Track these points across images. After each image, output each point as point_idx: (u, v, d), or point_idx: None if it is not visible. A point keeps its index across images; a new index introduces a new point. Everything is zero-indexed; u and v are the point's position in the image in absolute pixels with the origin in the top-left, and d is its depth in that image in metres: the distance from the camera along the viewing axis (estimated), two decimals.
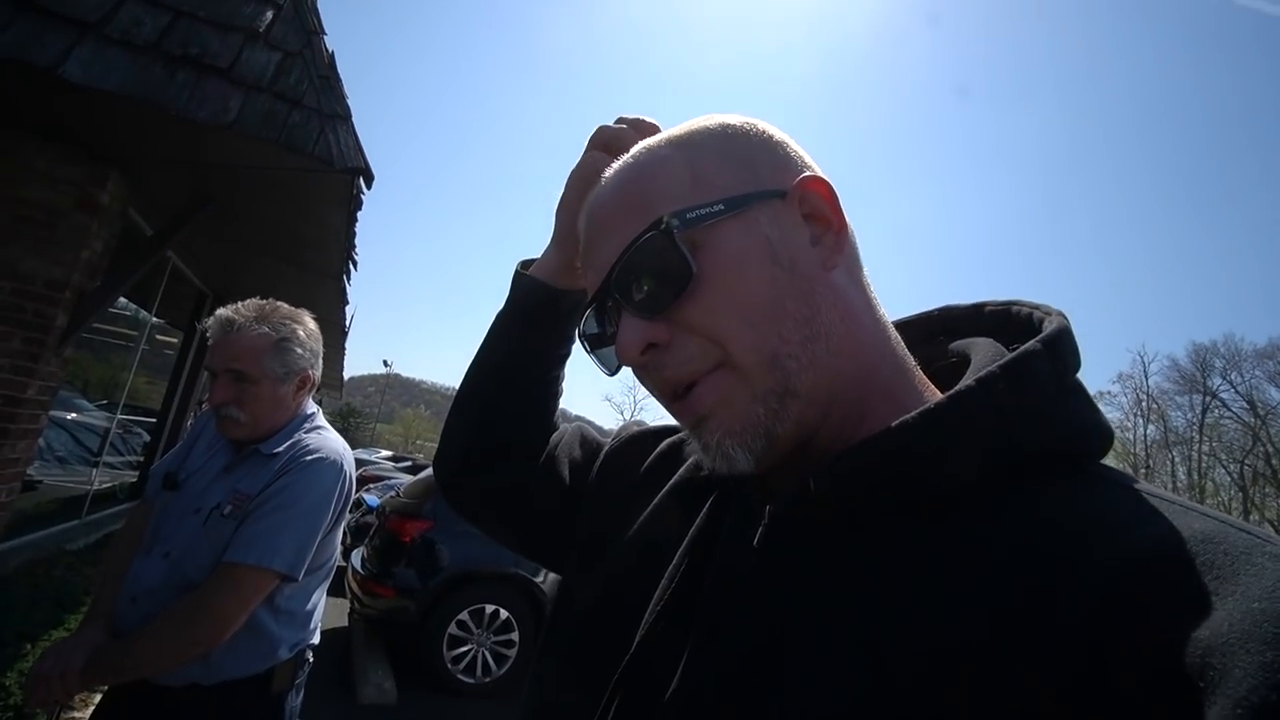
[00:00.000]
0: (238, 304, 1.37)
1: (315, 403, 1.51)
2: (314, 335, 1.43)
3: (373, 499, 6.66)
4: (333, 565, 1.45)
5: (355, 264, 4.36)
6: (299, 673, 1.37)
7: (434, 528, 4.14)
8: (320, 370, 1.46)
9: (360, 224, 3.59)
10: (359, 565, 4.39)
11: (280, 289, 5.46)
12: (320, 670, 4.31)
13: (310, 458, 1.32)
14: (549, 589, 4.21)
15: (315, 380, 1.44)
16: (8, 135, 2.90)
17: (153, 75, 2.42)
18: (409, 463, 18.03)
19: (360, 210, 3.23)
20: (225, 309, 1.36)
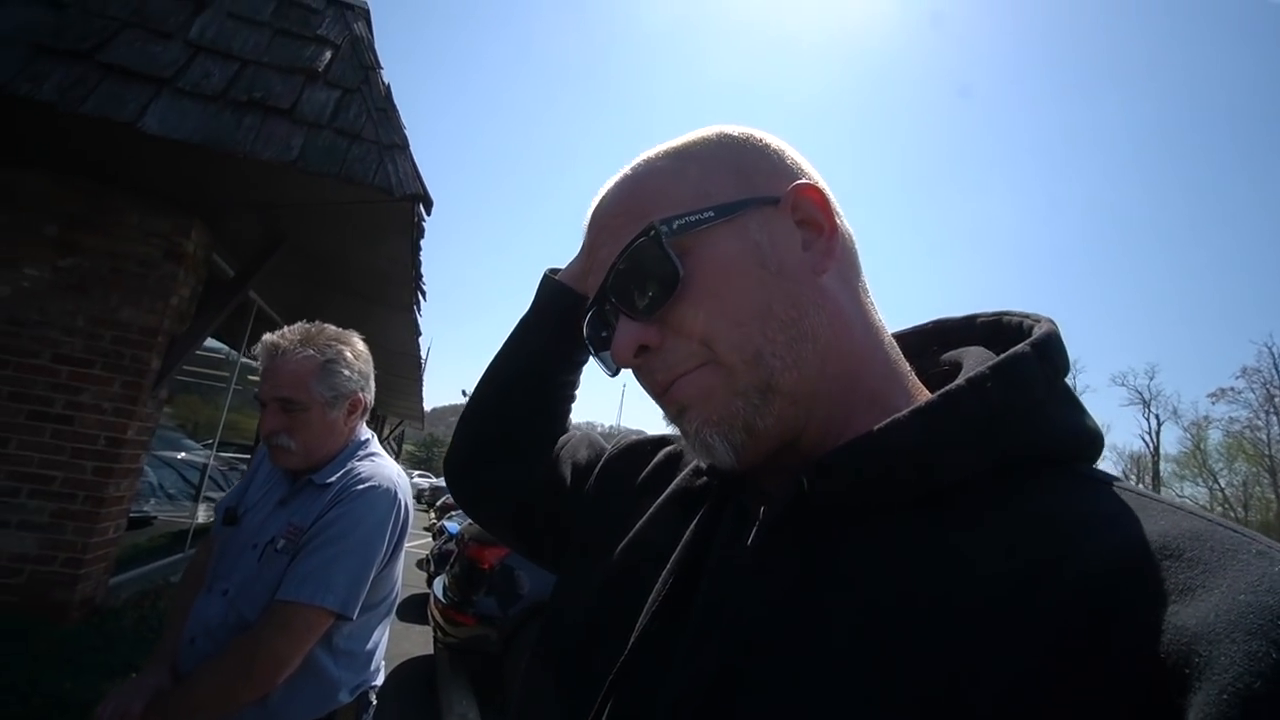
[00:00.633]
0: (284, 329, 1.32)
1: (371, 429, 1.45)
2: (362, 356, 1.37)
3: (453, 526, 6.74)
4: (394, 600, 1.37)
5: (424, 294, 4.43)
6: (361, 716, 1.29)
7: (513, 554, 4.10)
8: (372, 394, 1.39)
9: (431, 258, 3.64)
10: (440, 594, 4.39)
11: (354, 323, 5.65)
12: (410, 698, 4.32)
13: (362, 487, 1.25)
14: None
15: (367, 404, 1.37)
16: (105, 194, 3.11)
17: (221, 121, 2.52)
18: None
19: (423, 239, 3.27)
20: (271, 335, 1.31)
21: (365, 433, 1.41)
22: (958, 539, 0.35)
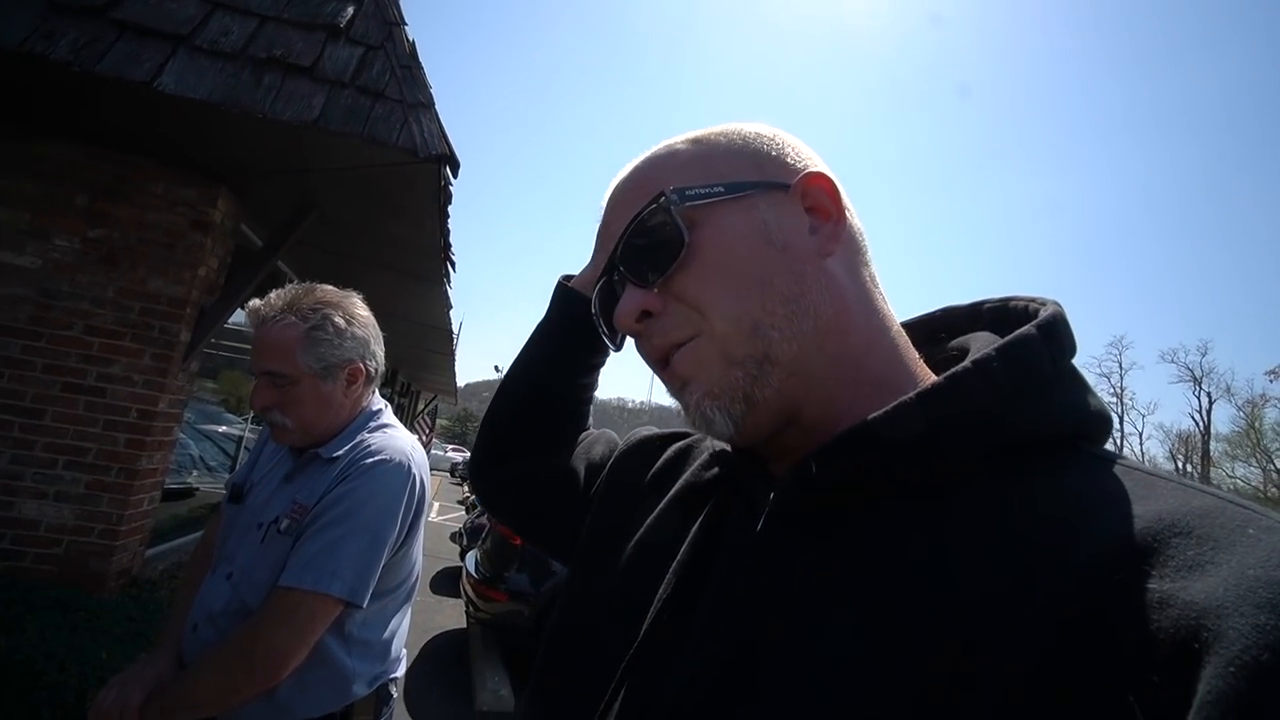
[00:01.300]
0: (272, 292, 1.18)
1: (383, 398, 1.32)
2: (358, 321, 1.22)
3: None
4: (413, 585, 1.25)
5: (453, 264, 4.33)
6: (381, 710, 1.19)
7: None
8: (377, 361, 1.25)
9: (462, 233, 3.52)
10: (473, 569, 4.36)
11: (385, 296, 5.61)
12: (442, 672, 4.32)
13: (371, 461, 1.12)
14: None
15: (369, 372, 1.23)
16: (131, 163, 3.04)
17: (241, 80, 2.40)
18: None
19: (451, 204, 3.14)
20: (255, 300, 1.18)
21: (377, 403, 1.28)
22: (966, 521, 0.35)
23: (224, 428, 4.99)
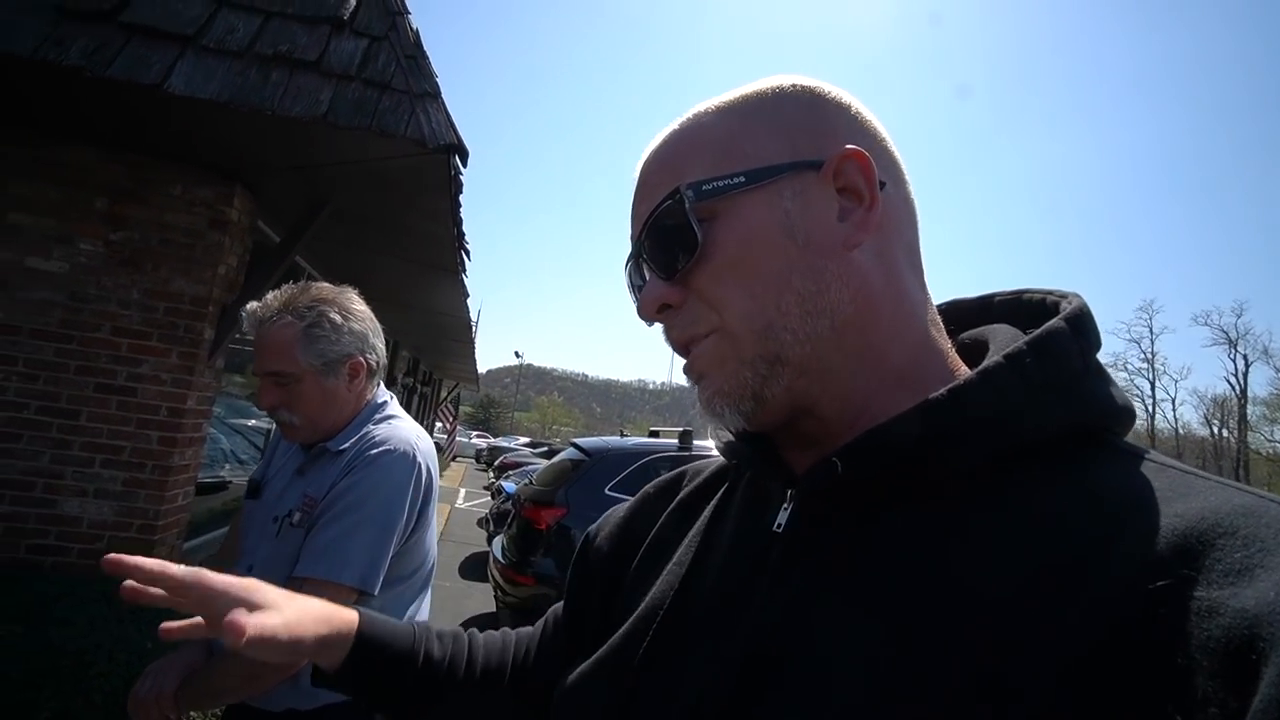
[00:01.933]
0: (269, 294, 1.21)
1: (388, 390, 1.35)
2: (355, 316, 1.24)
3: (510, 485, 6.83)
4: (428, 573, 1.28)
5: (468, 254, 4.34)
6: None
7: (568, 514, 4.07)
8: (377, 355, 1.27)
9: (475, 221, 3.53)
10: (500, 554, 4.43)
11: (402, 287, 5.65)
12: None
13: (376, 451, 1.15)
14: None
15: (370, 366, 1.25)
16: (148, 165, 3.09)
17: (249, 78, 2.41)
18: (545, 448, 18.76)
19: (461, 193, 3.14)
20: (253, 302, 1.21)
21: (382, 395, 1.30)
22: (999, 521, 0.35)
23: (253, 421, 5.10)
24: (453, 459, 21.12)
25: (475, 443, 30.83)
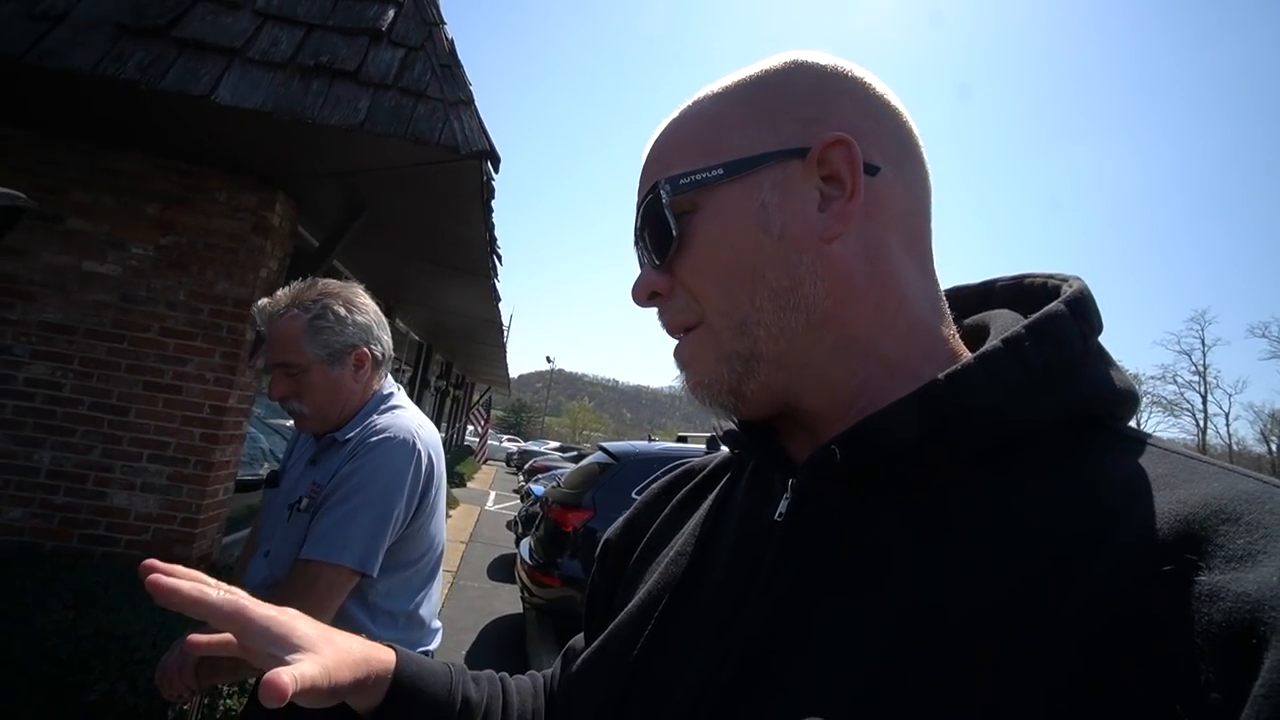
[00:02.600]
0: (278, 291, 1.28)
1: (396, 382, 1.39)
2: (360, 309, 1.29)
3: (538, 489, 6.89)
4: (437, 559, 1.33)
5: (500, 258, 4.42)
6: None
7: (595, 517, 4.09)
8: (383, 346, 1.32)
9: (509, 227, 3.60)
10: (527, 555, 4.47)
11: (435, 291, 5.76)
12: (500, 655, 4.46)
13: (376, 439, 1.20)
14: None
15: (376, 357, 1.30)
16: (196, 173, 3.22)
17: (290, 89, 2.51)
18: (575, 452, 18.85)
19: (494, 199, 3.20)
20: (263, 299, 1.27)
21: (389, 386, 1.35)
22: (1000, 507, 0.34)
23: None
24: (484, 462, 21.38)
25: (506, 446, 31.17)
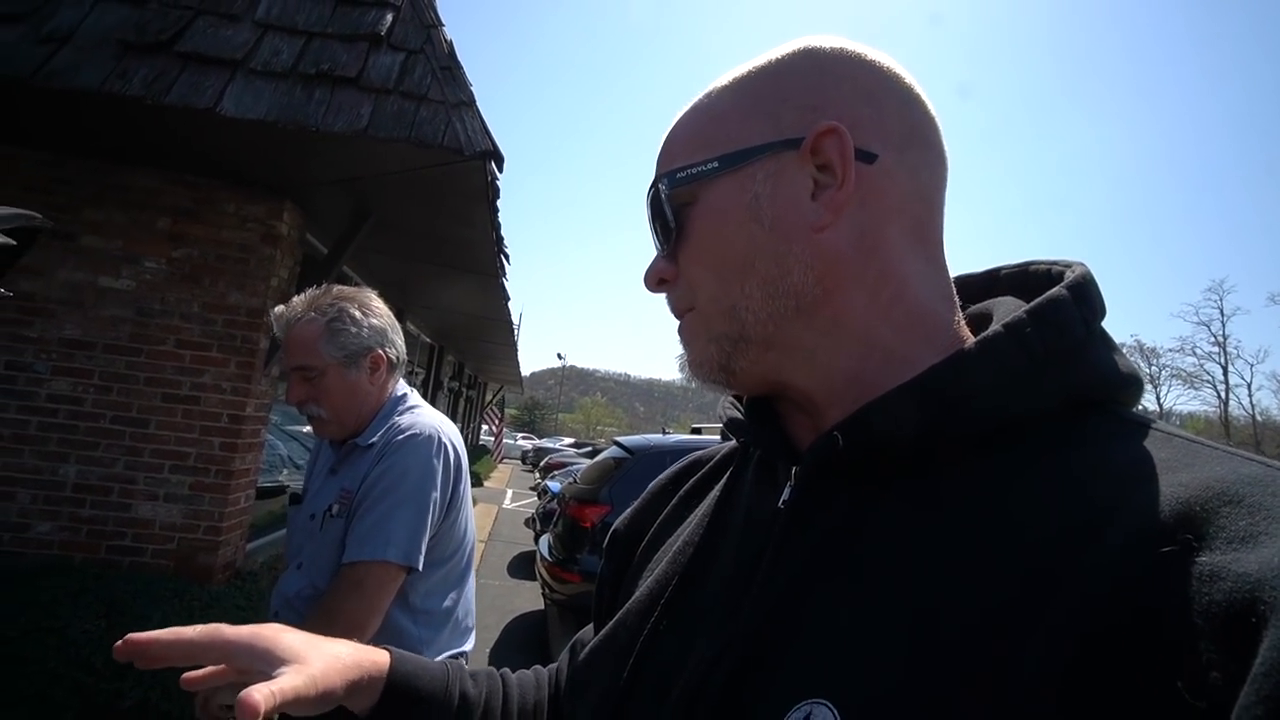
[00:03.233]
0: (294, 298, 1.30)
1: (409, 384, 1.41)
2: (374, 312, 1.32)
3: (556, 485, 6.91)
4: (469, 556, 1.35)
5: (507, 257, 4.43)
6: None
7: (612, 512, 4.10)
8: (397, 350, 1.34)
9: (516, 226, 3.61)
10: (546, 552, 4.50)
11: (445, 293, 5.79)
12: (522, 651, 4.49)
13: (402, 437, 1.23)
14: None
15: (391, 360, 1.33)
16: (205, 186, 3.25)
17: (293, 98, 2.52)
18: (589, 448, 18.91)
19: (499, 198, 3.20)
20: (280, 306, 1.30)
21: (402, 388, 1.37)
22: (1002, 490, 0.34)
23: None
24: (500, 460, 21.50)
25: (521, 444, 31.30)
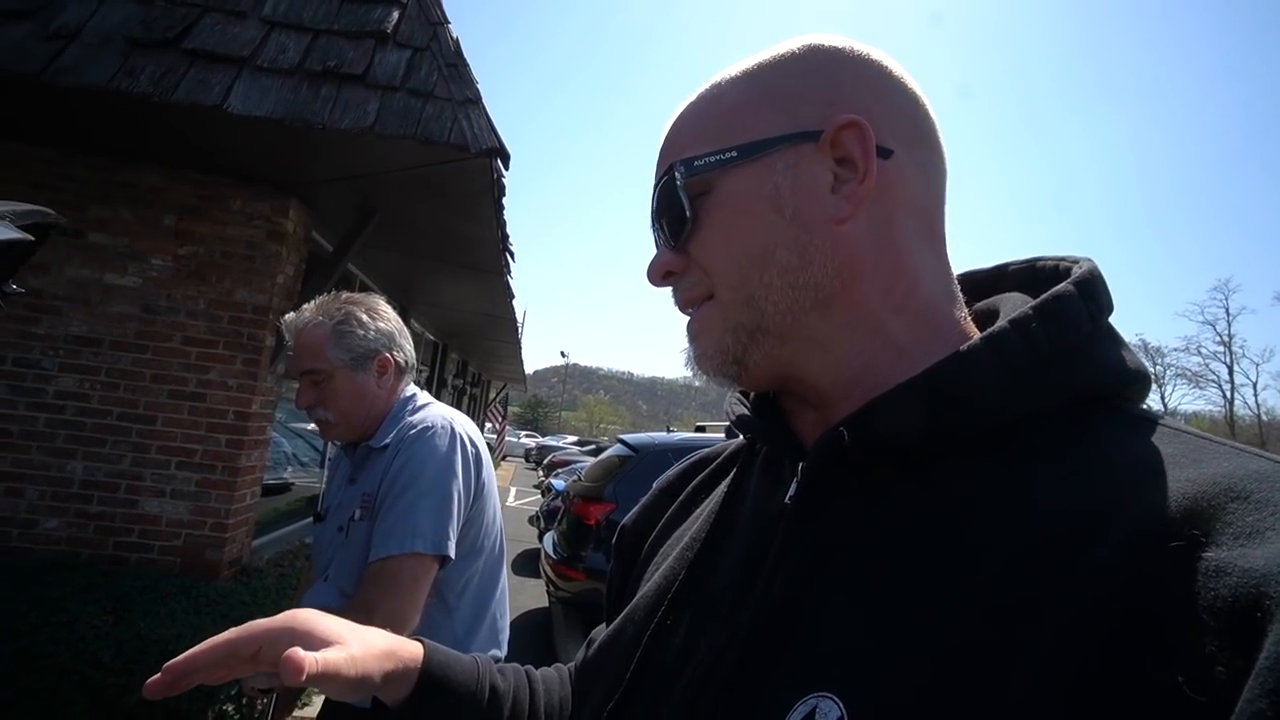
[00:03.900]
0: (304, 305, 1.32)
1: (418, 386, 1.42)
2: (381, 316, 1.33)
3: (559, 483, 6.92)
4: (501, 542, 1.35)
5: (512, 255, 4.43)
6: None
7: (617, 509, 4.10)
8: (404, 354, 1.35)
9: (519, 223, 3.60)
10: (551, 549, 4.50)
11: (449, 290, 5.79)
12: (528, 649, 4.50)
13: (414, 433, 1.23)
14: None
15: (398, 363, 1.33)
16: (210, 183, 3.25)
17: (300, 95, 2.52)
18: (593, 445, 18.91)
19: (504, 196, 3.20)
20: (290, 313, 1.31)
21: (411, 390, 1.38)
22: (1007, 486, 0.34)
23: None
24: (503, 458, 21.54)
25: (524, 442, 31.35)
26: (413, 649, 0.52)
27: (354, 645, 0.46)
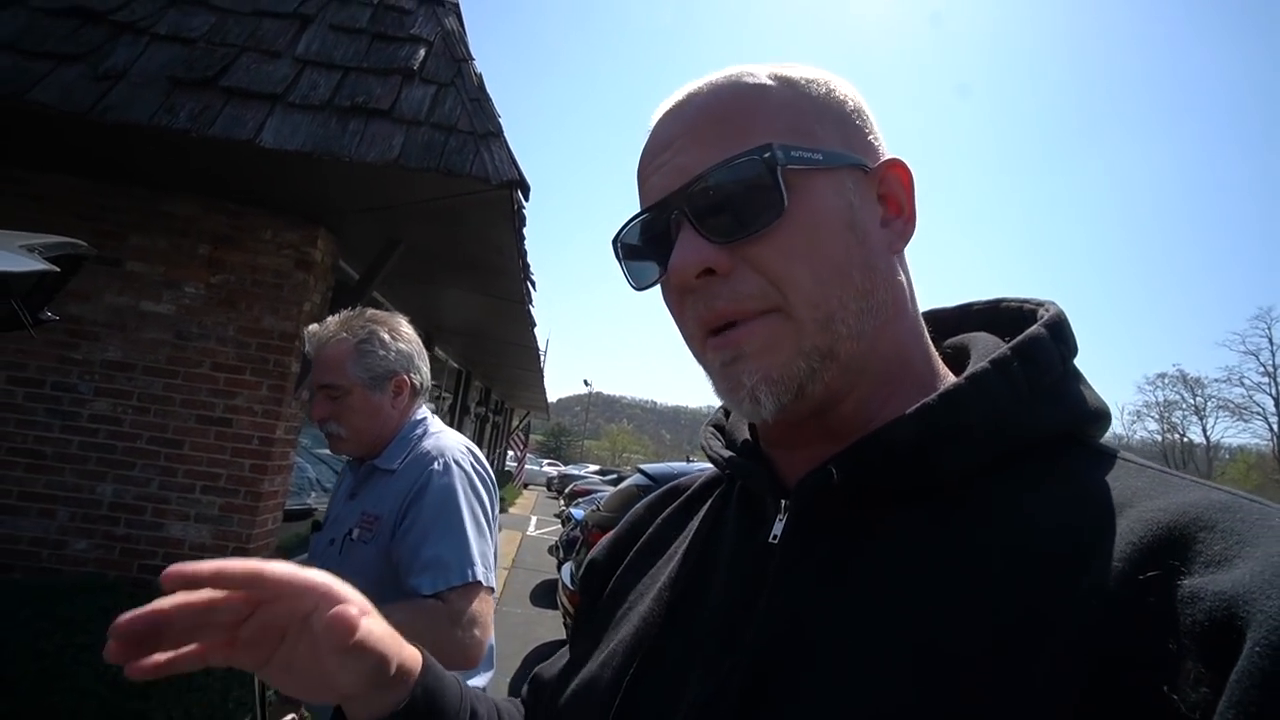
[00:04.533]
0: (328, 318, 1.34)
1: (435, 411, 1.42)
2: (403, 337, 1.34)
3: (579, 512, 6.87)
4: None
5: (534, 284, 4.48)
6: None
7: None
8: (421, 376, 1.36)
9: (544, 253, 3.67)
10: (569, 580, 4.46)
11: (471, 319, 5.86)
12: None
13: (439, 465, 1.24)
14: None
15: (415, 385, 1.34)
16: (243, 213, 3.37)
17: (329, 129, 2.61)
18: (614, 475, 18.81)
19: (525, 226, 3.26)
20: (314, 325, 1.33)
21: (422, 413, 1.38)
22: (991, 524, 0.35)
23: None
24: (524, 486, 21.51)
25: (546, 470, 31.31)
26: (415, 654, 0.49)
27: (379, 626, 0.43)
